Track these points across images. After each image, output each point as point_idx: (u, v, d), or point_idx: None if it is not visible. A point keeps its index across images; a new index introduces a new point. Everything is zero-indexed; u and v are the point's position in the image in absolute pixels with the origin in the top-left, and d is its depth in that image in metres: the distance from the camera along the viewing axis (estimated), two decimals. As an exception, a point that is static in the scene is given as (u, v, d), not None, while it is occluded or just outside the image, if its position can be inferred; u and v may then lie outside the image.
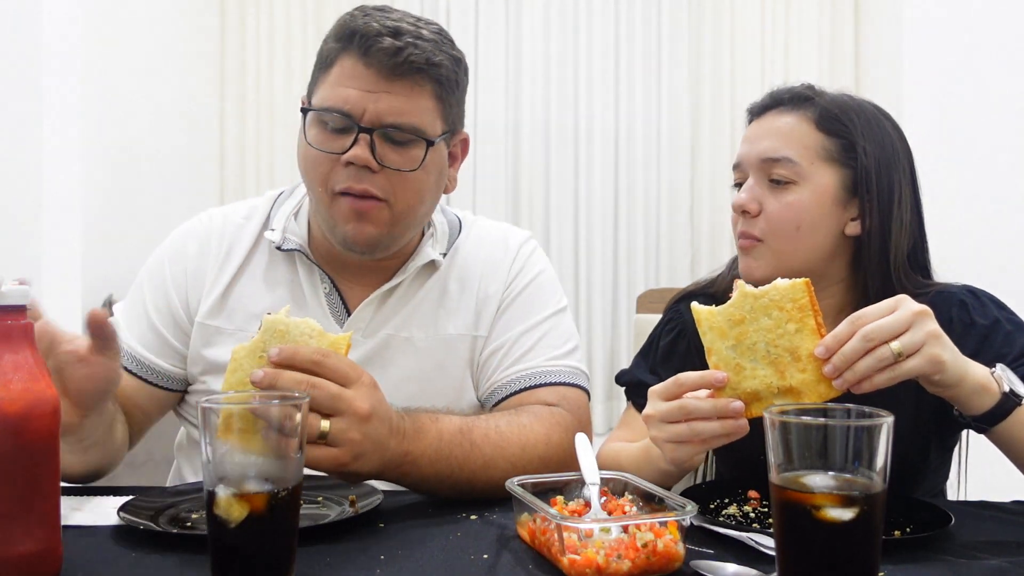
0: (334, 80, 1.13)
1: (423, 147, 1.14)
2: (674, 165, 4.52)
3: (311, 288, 1.24)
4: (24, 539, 0.76)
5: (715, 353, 0.96)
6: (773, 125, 1.22)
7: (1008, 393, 0.97)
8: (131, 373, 1.24)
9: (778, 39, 4.41)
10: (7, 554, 0.75)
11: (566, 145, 4.50)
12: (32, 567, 0.77)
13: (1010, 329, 1.15)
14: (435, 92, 1.14)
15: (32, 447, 0.76)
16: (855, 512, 0.69)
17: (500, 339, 1.26)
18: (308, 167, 1.17)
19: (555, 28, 4.47)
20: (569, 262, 4.52)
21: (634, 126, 4.48)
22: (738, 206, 1.22)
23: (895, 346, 0.90)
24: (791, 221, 1.18)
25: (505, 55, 4.49)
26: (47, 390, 0.78)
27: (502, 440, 1.09)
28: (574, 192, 4.50)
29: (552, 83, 4.49)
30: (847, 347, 0.91)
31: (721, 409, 0.95)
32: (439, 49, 1.14)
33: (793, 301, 0.93)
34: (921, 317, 0.92)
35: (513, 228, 1.37)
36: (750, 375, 0.95)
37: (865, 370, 0.90)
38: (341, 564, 0.83)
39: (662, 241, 4.56)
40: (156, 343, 1.26)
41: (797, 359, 0.93)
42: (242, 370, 0.95)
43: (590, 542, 0.80)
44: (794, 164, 1.18)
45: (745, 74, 4.39)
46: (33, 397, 0.77)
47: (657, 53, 4.47)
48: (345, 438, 0.92)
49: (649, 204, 4.53)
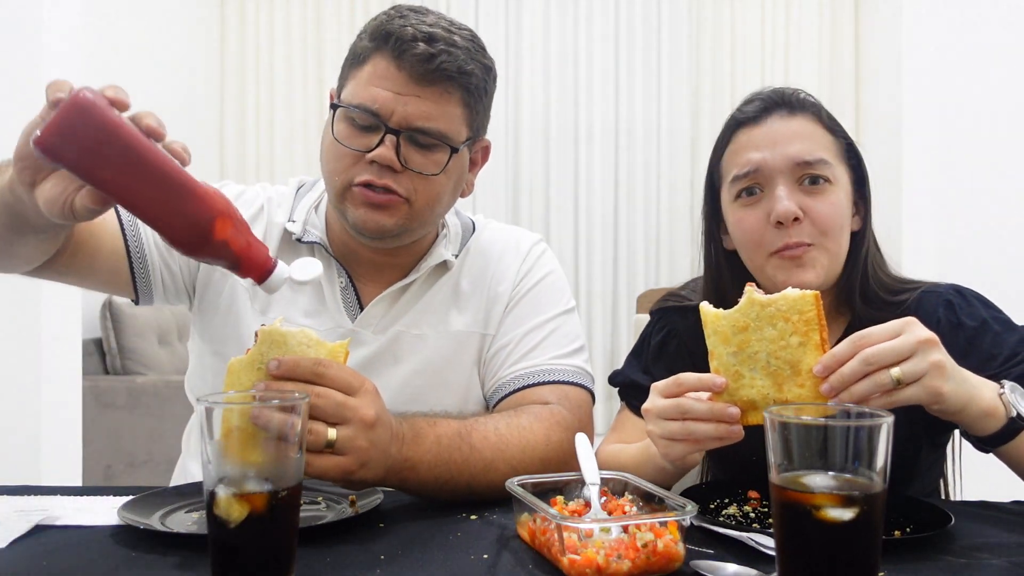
0: (366, 79, 1.14)
1: (447, 152, 1.16)
2: (674, 165, 4.52)
3: (328, 281, 1.26)
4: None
5: (716, 357, 0.96)
6: (791, 128, 1.18)
7: (1015, 418, 0.95)
8: (124, 236, 1.20)
9: (778, 39, 4.41)
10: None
11: (566, 145, 4.50)
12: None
13: (998, 329, 1.15)
14: (463, 99, 1.16)
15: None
16: (855, 512, 0.69)
17: (506, 337, 1.28)
18: (331, 160, 1.18)
19: (555, 28, 4.47)
20: (569, 262, 4.52)
21: (634, 126, 4.48)
22: (788, 214, 1.13)
23: (895, 372, 0.88)
24: (838, 220, 1.16)
25: (505, 55, 4.48)
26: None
27: (501, 442, 1.09)
28: (574, 192, 4.49)
29: (552, 83, 4.49)
30: (846, 368, 0.89)
31: (718, 413, 0.94)
32: (471, 57, 1.15)
33: (800, 313, 0.92)
34: (926, 346, 0.90)
35: (525, 231, 1.40)
36: (748, 384, 0.94)
37: (861, 394, 0.89)
38: (341, 564, 0.83)
39: (662, 241, 4.56)
40: (161, 241, 1.18)
41: (797, 373, 0.92)
42: (239, 383, 0.95)
43: (590, 542, 0.80)
44: (829, 165, 1.16)
45: (745, 74, 4.39)
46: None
47: (657, 53, 4.47)
48: (353, 446, 0.92)
49: (649, 204, 4.53)
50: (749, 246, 1.19)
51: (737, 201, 1.19)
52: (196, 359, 1.32)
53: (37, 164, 0.82)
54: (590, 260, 4.42)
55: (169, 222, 0.82)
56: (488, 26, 4.42)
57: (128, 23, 3.06)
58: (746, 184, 1.18)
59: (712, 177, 1.27)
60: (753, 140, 1.18)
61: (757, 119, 1.19)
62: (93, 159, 0.77)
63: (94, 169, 0.77)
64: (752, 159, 1.17)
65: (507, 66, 4.43)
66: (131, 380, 3.38)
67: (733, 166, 1.20)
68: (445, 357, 1.26)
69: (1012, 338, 1.14)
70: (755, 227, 1.17)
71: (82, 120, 0.75)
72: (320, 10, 4.52)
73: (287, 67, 4.40)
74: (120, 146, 0.77)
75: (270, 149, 4.31)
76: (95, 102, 0.76)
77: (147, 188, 0.79)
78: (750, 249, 1.19)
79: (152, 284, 1.24)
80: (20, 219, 0.93)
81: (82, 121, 0.75)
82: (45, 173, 0.83)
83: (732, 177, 1.19)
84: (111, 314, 3.48)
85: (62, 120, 0.75)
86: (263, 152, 4.32)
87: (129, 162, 0.78)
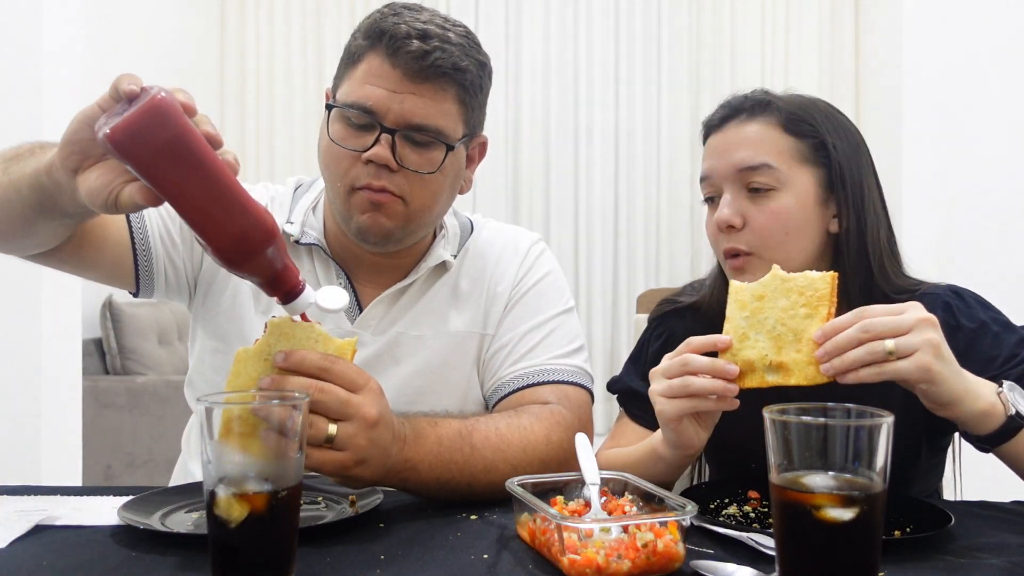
0: (360, 77, 1.14)
1: (443, 150, 1.15)
2: (674, 165, 4.52)
3: (327, 283, 1.25)
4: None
5: (730, 320, 1.01)
6: (740, 134, 1.19)
7: (1014, 416, 0.95)
8: (130, 228, 1.19)
9: (778, 39, 4.41)
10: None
11: (566, 145, 4.50)
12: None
13: (997, 330, 1.14)
14: (459, 96, 1.15)
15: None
16: (855, 512, 0.69)
17: (505, 337, 1.27)
18: (328, 161, 1.18)
19: (555, 28, 4.47)
20: (569, 262, 4.52)
21: (634, 126, 4.48)
22: (723, 222, 1.17)
23: (889, 344, 0.90)
24: (779, 229, 1.16)
25: (505, 55, 4.48)
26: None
27: (502, 443, 1.09)
28: (574, 192, 4.49)
29: (552, 83, 4.49)
30: (843, 335, 0.92)
31: (717, 368, 0.98)
32: (466, 54, 1.15)
33: (815, 291, 0.97)
34: (924, 324, 0.91)
35: (524, 230, 1.39)
36: (751, 345, 0.98)
37: (853, 361, 0.91)
38: (341, 564, 0.83)
39: (662, 241, 4.56)
40: (166, 236, 1.22)
41: (798, 340, 0.96)
42: (246, 373, 0.95)
43: (590, 542, 0.80)
44: (773, 170, 1.16)
45: (745, 74, 4.39)
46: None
47: (657, 53, 4.47)
48: (352, 443, 0.92)
49: (649, 204, 4.53)
50: (712, 246, 1.26)
51: (704, 204, 1.26)
52: (197, 358, 1.31)
53: (86, 151, 0.82)
54: (590, 260, 4.42)
55: (219, 233, 0.82)
56: (488, 26, 4.42)
57: (128, 23, 3.06)
58: (706, 190, 1.24)
59: None
60: (711, 147, 1.23)
61: (719, 125, 1.23)
62: (162, 162, 0.77)
63: (160, 172, 0.78)
64: (707, 166, 1.23)
65: (507, 66, 4.43)
66: (131, 380, 3.38)
67: (700, 171, 1.26)
68: (444, 358, 1.26)
69: (1011, 339, 1.13)
70: (711, 231, 1.23)
71: (159, 123, 0.76)
72: (320, 10, 4.52)
73: (287, 67, 4.40)
74: (188, 154, 0.78)
75: (270, 149, 4.31)
76: (173, 106, 0.76)
77: (206, 197, 0.80)
78: (714, 248, 1.25)
79: (154, 277, 1.23)
80: (51, 202, 0.92)
81: (159, 124, 0.76)
82: (92, 161, 0.83)
83: (699, 180, 1.26)
84: (111, 314, 3.48)
85: (139, 120, 0.75)
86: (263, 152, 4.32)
87: (194, 169, 0.78)
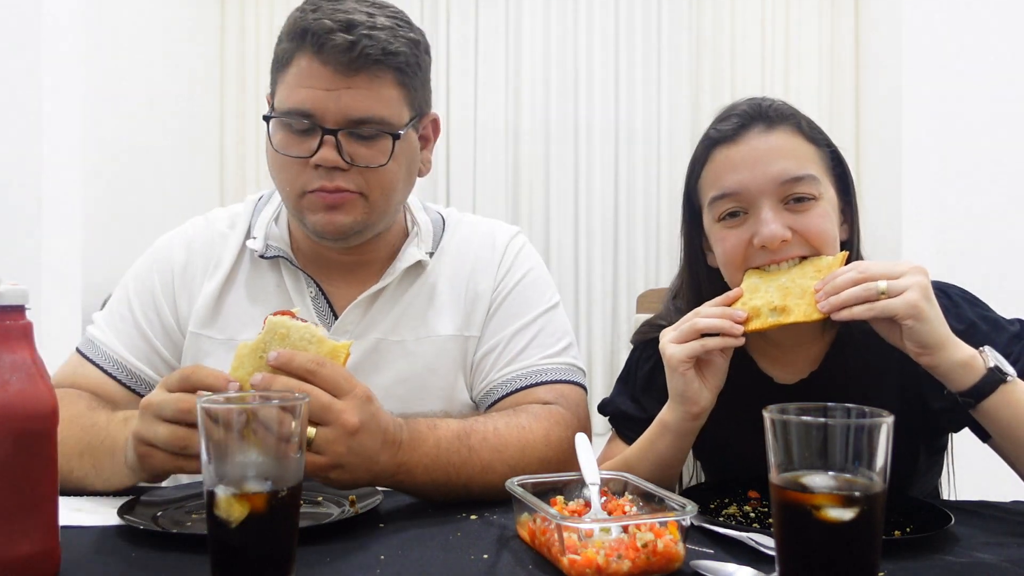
0: (292, 81, 1.11)
1: (390, 139, 1.13)
2: (674, 164, 4.52)
3: (297, 293, 1.24)
4: (22, 541, 0.76)
5: (746, 280, 1.12)
6: (773, 144, 1.13)
7: (993, 369, 1.00)
8: (118, 381, 1.23)
9: (778, 39, 4.41)
10: (5, 556, 0.75)
11: (566, 145, 4.49)
12: (30, 569, 0.76)
13: (987, 329, 1.14)
14: (397, 80, 1.12)
15: (30, 449, 0.76)
16: (855, 512, 0.69)
17: (493, 339, 1.25)
18: (278, 172, 1.16)
19: (555, 28, 4.47)
20: (569, 262, 4.51)
21: (634, 125, 4.48)
22: (775, 237, 1.09)
23: (882, 285, 0.99)
24: (831, 235, 1.13)
25: (505, 55, 4.48)
26: (46, 391, 0.78)
27: (500, 443, 1.08)
28: (574, 192, 4.49)
29: (552, 83, 4.49)
30: (840, 278, 1.02)
31: (727, 312, 1.08)
32: (395, 36, 1.11)
33: (828, 267, 1.09)
34: (916, 270, 1.00)
35: (501, 224, 1.35)
36: (761, 295, 1.09)
37: (848, 297, 1.00)
38: (341, 564, 0.83)
39: (662, 241, 4.55)
40: (145, 350, 1.25)
41: (803, 294, 1.07)
42: (243, 367, 0.96)
43: (590, 542, 0.80)
44: (816, 180, 1.12)
45: (745, 74, 4.39)
46: (31, 398, 0.76)
47: (657, 53, 4.47)
48: (330, 449, 0.92)
49: (649, 204, 4.53)
50: (731, 267, 1.16)
51: (721, 223, 1.15)
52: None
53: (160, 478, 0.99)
54: (590, 260, 4.42)
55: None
56: (488, 26, 4.42)
57: (128, 23, 3.06)
58: (728, 206, 1.14)
59: (690, 196, 1.22)
60: (732, 160, 1.13)
61: (734, 137, 1.14)
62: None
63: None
64: (733, 181, 1.13)
65: (507, 66, 4.43)
66: (131, 380, 3.37)
67: (712, 187, 1.15)
68: (427, 363, 1.24)
69: (1001, 338, 1.13)
70: (737, 248, 1.14)
71: None
72: (320, 10, 4.53)
73: (287, 67, 4.41)
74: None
75: (270, 149, 4.32)
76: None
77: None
78: (731, 269, 1.16)
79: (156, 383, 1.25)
80: (117, 468, 1.03)
81: None
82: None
83: (712, 198, 1.15)
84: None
85: None
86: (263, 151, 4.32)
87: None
